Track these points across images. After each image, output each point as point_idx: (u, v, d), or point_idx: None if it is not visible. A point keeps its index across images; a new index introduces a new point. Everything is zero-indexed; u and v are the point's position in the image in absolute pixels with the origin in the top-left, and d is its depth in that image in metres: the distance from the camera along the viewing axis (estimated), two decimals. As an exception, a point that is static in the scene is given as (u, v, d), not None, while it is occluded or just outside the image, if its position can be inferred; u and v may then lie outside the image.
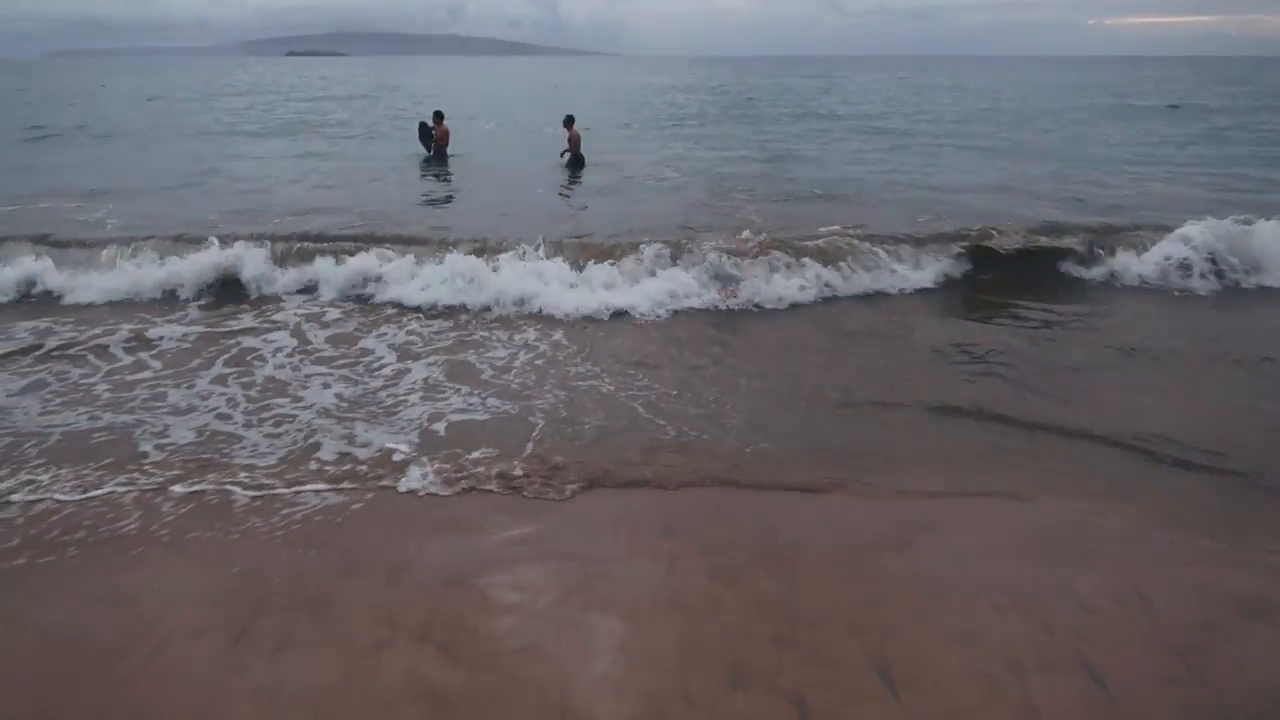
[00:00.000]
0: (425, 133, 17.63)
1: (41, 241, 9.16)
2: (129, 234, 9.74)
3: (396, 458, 4.95)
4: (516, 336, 7.16)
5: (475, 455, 4.96)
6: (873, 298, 8.46)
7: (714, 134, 22.92)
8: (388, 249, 8.96)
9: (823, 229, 9.74)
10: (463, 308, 7.87)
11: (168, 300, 8.15)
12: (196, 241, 8.95)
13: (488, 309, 7.84)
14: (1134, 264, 9.01)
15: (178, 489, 4.55)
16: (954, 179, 14.69)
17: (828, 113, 31.07)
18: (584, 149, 16.68)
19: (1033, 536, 4.20)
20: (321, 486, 4.59)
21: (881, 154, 18.49)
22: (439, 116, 17.82)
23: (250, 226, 10.07)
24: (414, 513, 4.38)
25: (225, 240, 8.86)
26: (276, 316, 7.64)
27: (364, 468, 4.83)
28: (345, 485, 4.61)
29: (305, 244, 9.14)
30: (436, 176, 15.07)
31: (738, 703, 3.00)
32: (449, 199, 13.01)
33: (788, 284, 8.33)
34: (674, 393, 5.95)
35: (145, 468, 4.81)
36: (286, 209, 11.53)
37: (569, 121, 16.69)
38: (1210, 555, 4.03)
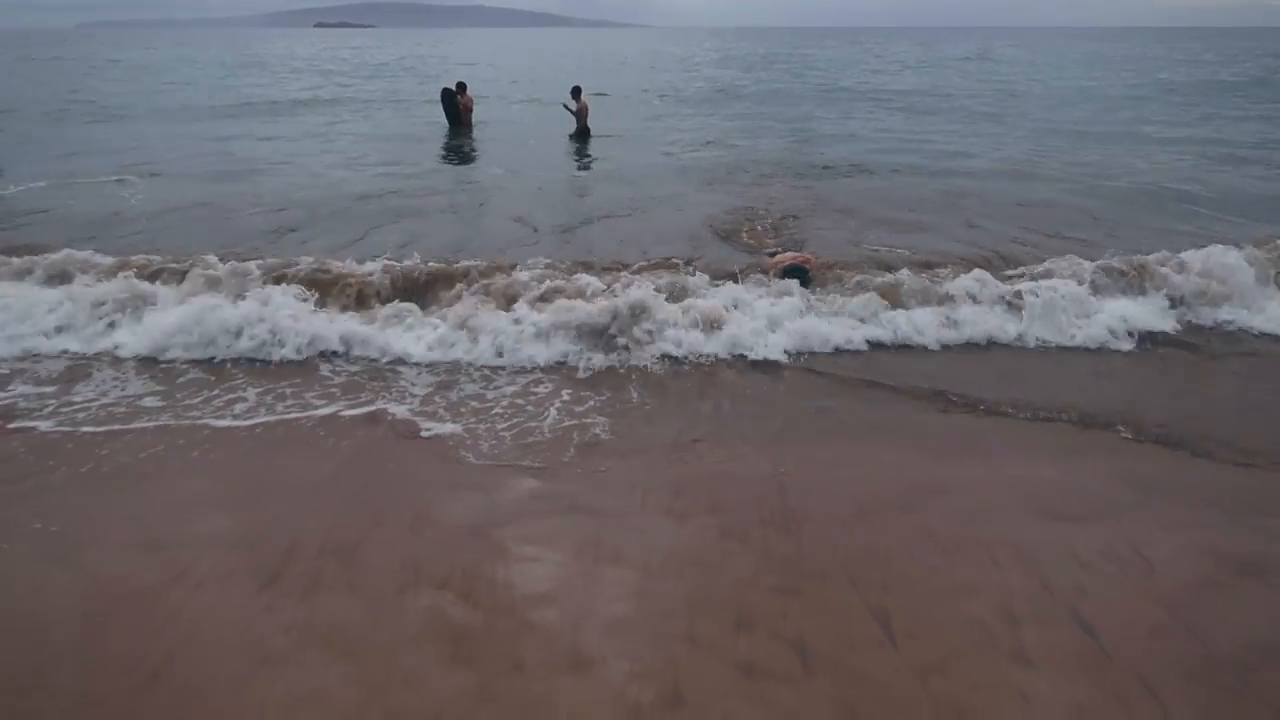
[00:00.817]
0: (449, 100, 17.79)
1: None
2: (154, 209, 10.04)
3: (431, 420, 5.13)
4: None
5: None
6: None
7: (742, 110, 22.85)
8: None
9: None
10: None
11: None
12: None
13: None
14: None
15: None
16: (982, 164, 14.64)
17: (856, 86, 30.85)
18: (608, 122, 16.81)
19: (1039, 501, 4.30)
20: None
21: (922, 130, 18.34)
22: (462, 87, 18.02)
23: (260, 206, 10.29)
24: (438, 468, 4.55)
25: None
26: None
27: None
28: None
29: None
30: (460, 159, 15.09)
31: (741, 646, 3.15)
32: (468, 182, 13.10)
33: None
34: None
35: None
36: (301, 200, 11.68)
37: (576, 92, 16.79)
38: (1211, 520, 4.11)
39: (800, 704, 2.89)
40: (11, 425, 5.00)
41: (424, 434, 4.93)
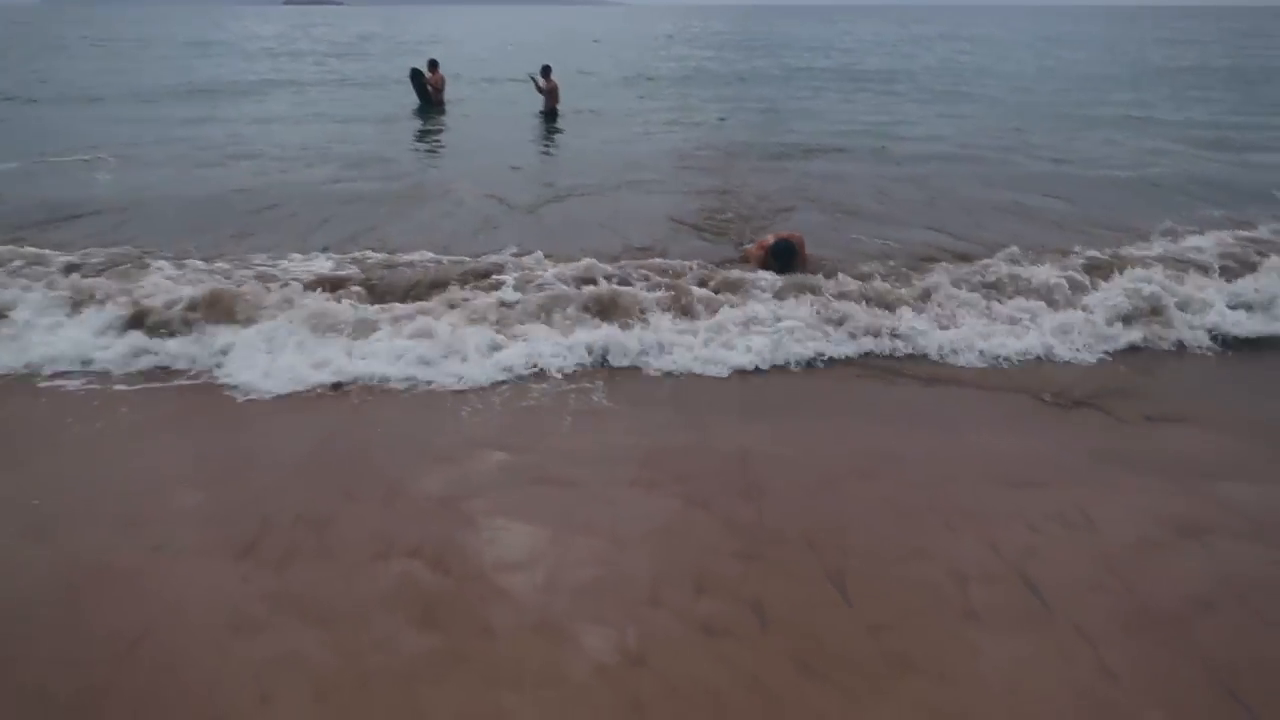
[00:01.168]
0: (418, 79, 17.78)
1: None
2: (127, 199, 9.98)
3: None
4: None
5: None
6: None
7: (714, 91, 22.82)
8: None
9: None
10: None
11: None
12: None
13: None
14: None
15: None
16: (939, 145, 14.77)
17: (829, 65, 30.91)
18: (582, 101, 16.87)
19: (993, 469, 4.47)
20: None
21: (890, 111, 18.45)
22: (433, 65, 17.96)
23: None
24: (409, 437, 4.65)
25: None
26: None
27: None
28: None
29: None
30: (431, 139, 15.07)
31: (702, 607, 3.29)
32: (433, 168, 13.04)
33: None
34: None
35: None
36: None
37: (546, 71, 16.81)
38: (1156, 486, 4.28)
39: (756, 661, 3.03)
40: (44, 383, 5.12)
41: (411, 395, 5.06)
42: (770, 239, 7.36)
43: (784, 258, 7.02)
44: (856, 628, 3.21)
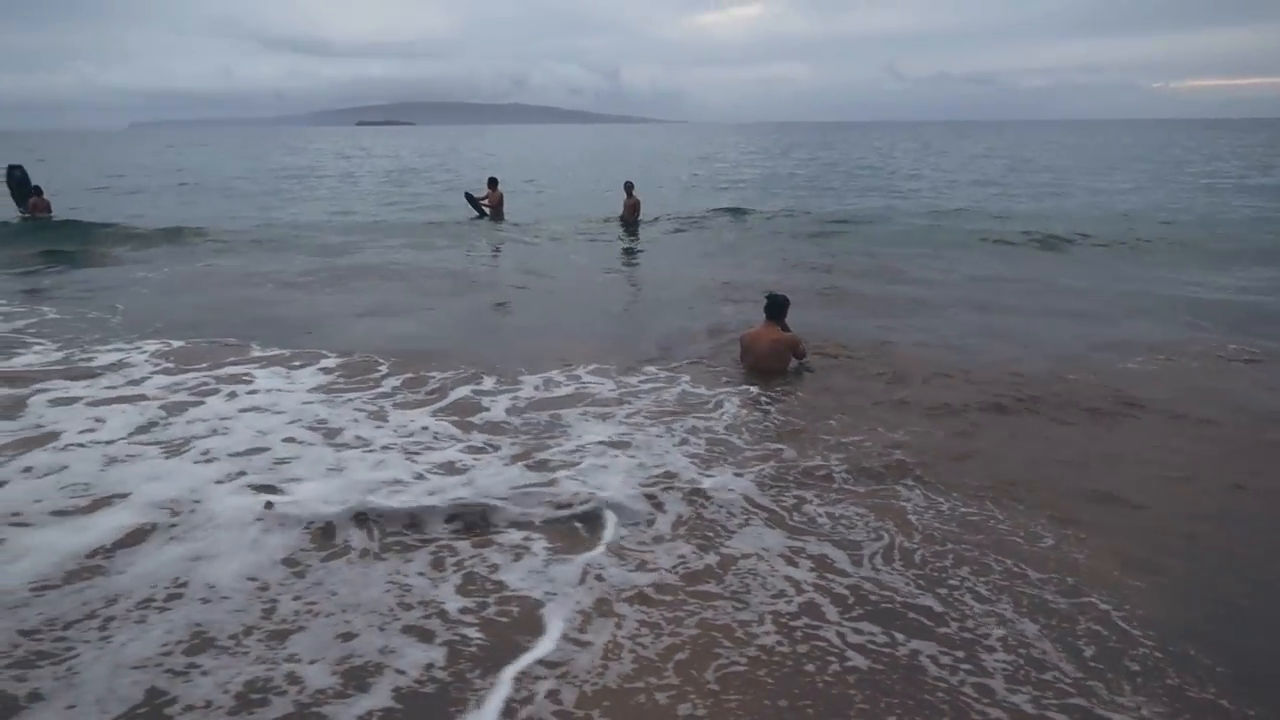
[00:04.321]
0: (471, 199, 18.49)
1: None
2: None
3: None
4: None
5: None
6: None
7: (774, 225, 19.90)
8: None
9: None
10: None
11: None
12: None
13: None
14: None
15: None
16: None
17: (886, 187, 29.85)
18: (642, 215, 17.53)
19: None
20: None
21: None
22: (493, 183, 18.46)
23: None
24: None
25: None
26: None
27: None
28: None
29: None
30: (484, 260, 15.25)
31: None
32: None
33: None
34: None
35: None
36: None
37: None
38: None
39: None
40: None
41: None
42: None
43: (774, 308, 7.85)
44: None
